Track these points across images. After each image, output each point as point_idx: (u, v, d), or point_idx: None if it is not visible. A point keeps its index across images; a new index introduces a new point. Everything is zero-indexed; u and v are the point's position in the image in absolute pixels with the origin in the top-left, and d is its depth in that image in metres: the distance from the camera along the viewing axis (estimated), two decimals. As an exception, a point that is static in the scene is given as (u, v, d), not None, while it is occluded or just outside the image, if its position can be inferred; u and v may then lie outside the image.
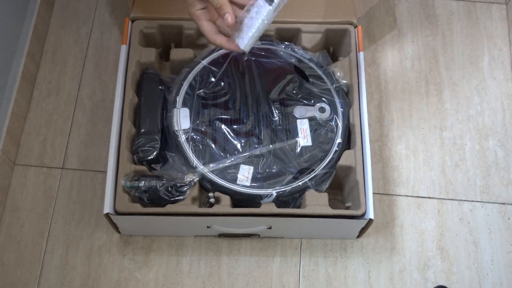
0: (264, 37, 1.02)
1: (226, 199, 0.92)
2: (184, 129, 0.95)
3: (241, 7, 0.81)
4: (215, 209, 0.91)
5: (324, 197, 0.92)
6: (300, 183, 0.93)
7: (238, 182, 0.92)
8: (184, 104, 0.97)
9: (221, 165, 0.93)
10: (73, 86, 1.12)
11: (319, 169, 0.94)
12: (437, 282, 1.00)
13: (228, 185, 0.92)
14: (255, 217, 0.91)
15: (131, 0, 1.03)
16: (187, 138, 0.94)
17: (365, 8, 1.04)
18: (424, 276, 1.00)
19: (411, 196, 1.06)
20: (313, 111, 0.97)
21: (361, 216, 0.90)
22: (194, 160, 0.93)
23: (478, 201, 1.06)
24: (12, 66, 1.05)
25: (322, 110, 0.96)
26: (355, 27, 1.03)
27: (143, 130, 0.95)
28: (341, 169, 0.95)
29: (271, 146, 0.95)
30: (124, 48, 0.99)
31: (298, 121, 0.97)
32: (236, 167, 0.93)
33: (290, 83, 1.00)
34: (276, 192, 0.92)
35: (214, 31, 0.83)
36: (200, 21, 0.82)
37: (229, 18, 0.77)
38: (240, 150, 0.95)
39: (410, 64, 1.17)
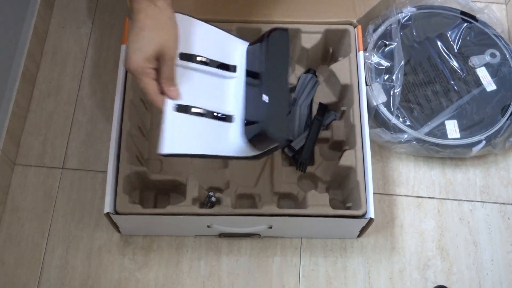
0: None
1: (226, 200, 0.93)
2: (382, 103, 1.04)
3: None
4: (216, 209, 0.91)
5: (325, 197, 0.93)
6: (507, 120, 1.03)
7: (449, 137, 1.02)
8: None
9: (431, 126, 1.02)
10: (73, 86, 1.12)
11: None
12: (437, 282, 1.00)
13: (441, 141, 1.01)
14: (256, 217, 0.91)
15: (131, 0, 1.03)
16: (389, 110, 1.03)
17: (365, 8, 1.04)
18: (424, 276, 1.00)
19: (411, 196, 1.06)
20: (485, 58, 1.07)
21: (362, 216, 0.90)
22: (406, 129, 1.02)
23: (478, 201, 1.06)
24: (12, 66, 1.05)
25: (493, 55, 1.07)
26: (354, 27, 1.03)
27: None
28: (341, 169, 0.95)
29: (464, 97, 1.04)
30: (124, 48, 0.99)
31: (477, 70, 1.07)
32: (441, 124, 1.03)
33: (462, 31, 1.09)
34: (486, 138, 1.02)
35: (157, 91, 0.77)
36: (146, 78, 0.76)
37: (175, 93, 0.78)
38: (441, 108, 1.04)
39: (410, 64, 1.17)
